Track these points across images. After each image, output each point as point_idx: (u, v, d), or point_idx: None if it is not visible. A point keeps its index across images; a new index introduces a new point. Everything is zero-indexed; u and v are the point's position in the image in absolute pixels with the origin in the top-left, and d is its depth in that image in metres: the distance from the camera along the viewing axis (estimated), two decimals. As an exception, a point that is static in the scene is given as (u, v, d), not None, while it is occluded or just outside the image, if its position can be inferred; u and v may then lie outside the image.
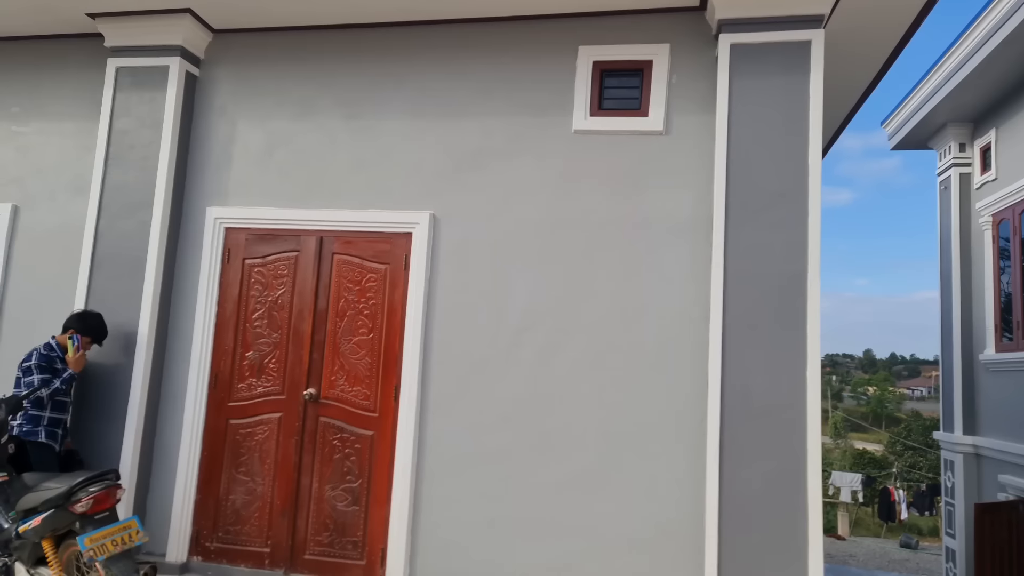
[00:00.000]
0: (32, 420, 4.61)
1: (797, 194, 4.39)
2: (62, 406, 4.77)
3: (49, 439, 4.65)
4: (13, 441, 4.39)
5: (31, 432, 4.59)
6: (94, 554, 3.58)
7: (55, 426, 4.70)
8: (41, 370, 4.63)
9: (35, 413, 4.63)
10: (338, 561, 4.93)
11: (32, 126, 5.80)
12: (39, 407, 4.64)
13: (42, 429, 4.63)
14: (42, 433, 4.62)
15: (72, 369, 4.69)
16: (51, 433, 4.67)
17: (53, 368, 4.69)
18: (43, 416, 4.65)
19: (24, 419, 4.60)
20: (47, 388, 4.56)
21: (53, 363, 4.71)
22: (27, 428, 4.59)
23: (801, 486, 4.18)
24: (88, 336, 4.83)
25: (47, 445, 4.63)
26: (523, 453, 4.74)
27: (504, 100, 5.06)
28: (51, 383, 4.61)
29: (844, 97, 6.24)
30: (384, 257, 5.13)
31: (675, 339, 4.64)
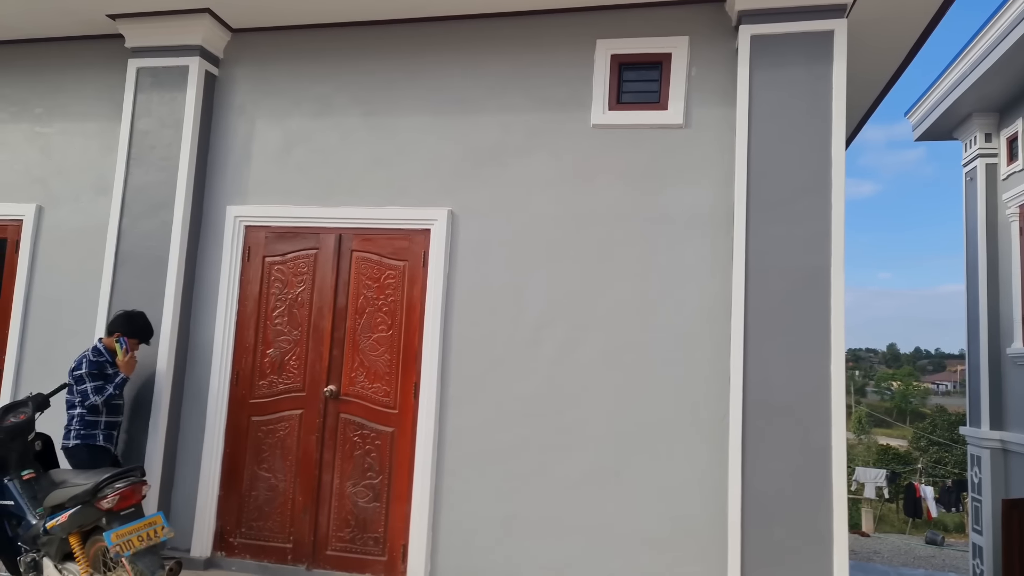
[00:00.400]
0: (89, 425, 4.60)
1: (820, 187, 4.33)
2: (116, 409, 4.78)
3: (107, 442, 4.67)
4: (40, 438, 4.46)
5: (89, 436, 4.59)
6: (120, 550, 3.62)
7: (112, 429, 4.73)
8: (93, 377, 4.58)
9: (92, 419, 4.62)
10: (359, 557, 4.95)
11: (55, 127, 5.87)
12: (95, 413, 4.62)
13: (99, 433, 4.64)
14: (100, 436, 4.63)
15: (123, 372, 4.66)
16: (108, 436, 4.70)
17: (104, 373, 4.65)
18: (100, 421, 4.65)
19: (81, 424, 4.58)
20: (100, 395, 4.54)
21: (104, 368, 4.66)
22: (84, 432, 4.58)
23: (826, 482, 4.13)
24: (135, 337, 4.77)
25: (105, 448, 4.64)
26: (542, 449, 4.73)
27: (522, 95, 5.04)
28: (104, 389, 4.57)
29: (867, 88, 6.14)
30: (403, 254, 5.14)
31: (694, 335, 4.60)
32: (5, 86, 6.00)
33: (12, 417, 4.31)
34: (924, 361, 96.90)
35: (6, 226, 5.82)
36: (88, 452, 4.56)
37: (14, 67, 6.01)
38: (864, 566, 7.06)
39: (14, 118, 5.95)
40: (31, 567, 4.06)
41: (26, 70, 5.99)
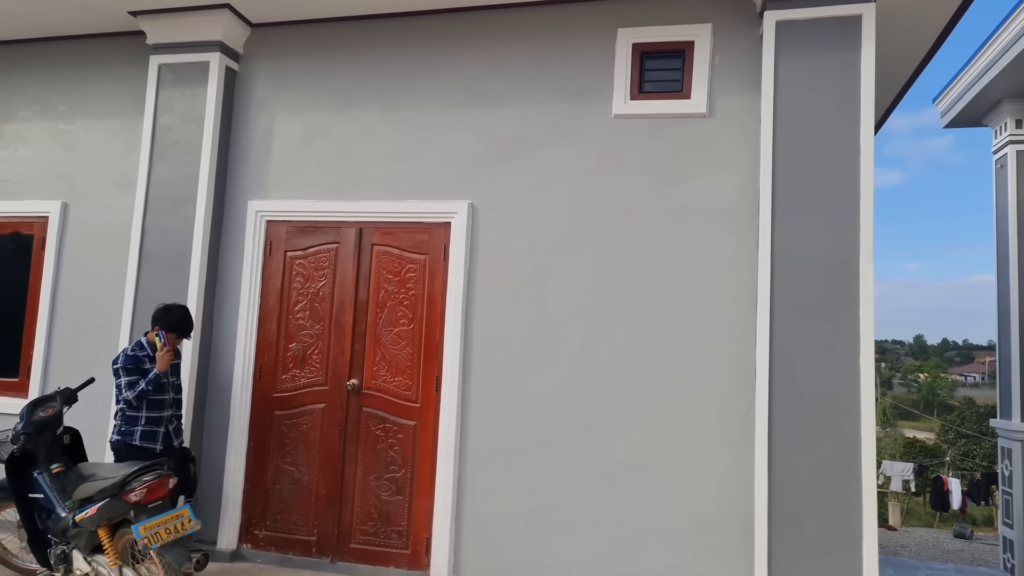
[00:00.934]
0: (129, 421, 4.52)
1: (848, 176, 4.24)
2: (158, 405, 4.59)
3: (145, 441, 4.51)
4: (68, 432, 4.51)
5: (127, 433, 4.50)
6: (148, 542, 3.66)
7: (154, 425, 4.56)
8: (128, 372, 4.47)
9: (132, 414, 4.52)
10: (383, 550, 4.97)
11: (78, 124, 5.93)
12: (134, 408, 4.51)
13: (138, 430, 4.51)
14: (137, 434, 4.50)
15: (156, 368, 4.49)
16: (148, 434, 4.53)
17: (141, 368, 4.52)
18: (139, 416, 4.52)
19: (122, 420, 4.52)
20: (132, 391, 4.41)
21: (141, 363, 4.54)
22: (124, 429, 4.51)
23: (855, 476, 4.06)
24: (172, 331, 4.61)
25: (144, 448, 4.50)
26: (565, 443, 4.70)
27: (542, 86, 4.99)
28: (136, 385, 4.43)
29: (895, 74, 6.00)
30: (423, 247, 5.12)
31: (719, 328, 4.54)
32: (29, 84, 6.07)
33: (41, 411, 4.36)
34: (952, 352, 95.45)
35: (32, 223, 5.90)
36: (125, 450, 4.49)
37: (37, 65, 6.07)
38: (892, 560, 6.96)
39: (38, 116, 6.02)
40: (61, 559, 4.12)
41: (49, 68, 6.05)
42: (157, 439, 4.57)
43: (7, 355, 5.85)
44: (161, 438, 4.58)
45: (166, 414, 4.64)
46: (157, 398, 4.58)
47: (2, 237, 5.97)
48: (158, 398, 4.59)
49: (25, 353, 5.78)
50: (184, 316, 4.68)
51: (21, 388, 5.73)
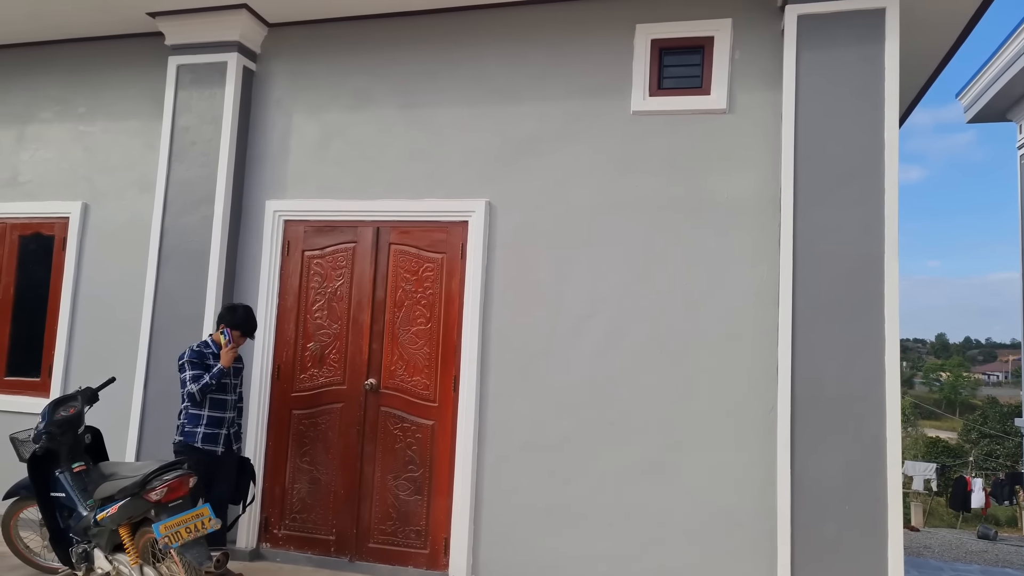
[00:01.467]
0: (192, 420, 4.50)
1: (872, 171, 4.17)
2: (220, 405, 4.57)
3: (206, 443, 4.48)
4: (90, 432, 4.54)
5: (190, 435, 4.48)
6: (169, 541, 3.67)
7: (215, 426, 4.53)
8: (192, 366, 4.50)
9: (195, 412, 4.50)
10: (402, 549, 4.96)
11: (98, 125, 5.97)
12: (197, 405, 4.50)
13: (200, 432, 4.48)
14: (199, 437, 4.47)
15: (221, 363, 4.51)
16: (209, 437, 4.50)
17: (205, 364, 4.54)
18: (201, 416, 4.50)
19: (185, 418, 4.51)
20: (196, 384, 4.42)
21: (205, 359, 4.57)
22: (187, 430, 4.50)
23: (880, 476, 4.00)
24: (237, 329, 4.62)
25: (202, 450, 4.47)
26: (585, 442, 4.67)
27: (560, 84, 4.96)
28: (201, 378, 4.44)
29: (917, 70, 5.89)
30: (441, 246, 5.11)
31: (740, 324, 4.49)
32: (49, 85, 6.12)
33: (62, 411, 4.40)
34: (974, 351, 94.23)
35: (53, 224, 5.95)
36: (186, 453, 4.42)
37: (57, 66, 6.12)
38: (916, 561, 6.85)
39: (59, 117, 6.07)
40: (82, 557, 4.14)
41: (69, 69, 6.09)
42: (218, 441, 4.54)
43: (29, 355, 5.91)
44: (222, 440, 4.56)
45: (228, 415, 4.62)
46: (219, 397, 4.57)
47: (23, 238, 6.03)
48: (220, 398, 4.57)
49: (47, 353, 5.84)
50: (249, 315, 4.72)
51: (43, 388, 5.78)
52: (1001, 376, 75.07)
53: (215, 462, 4.52)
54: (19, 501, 4.71)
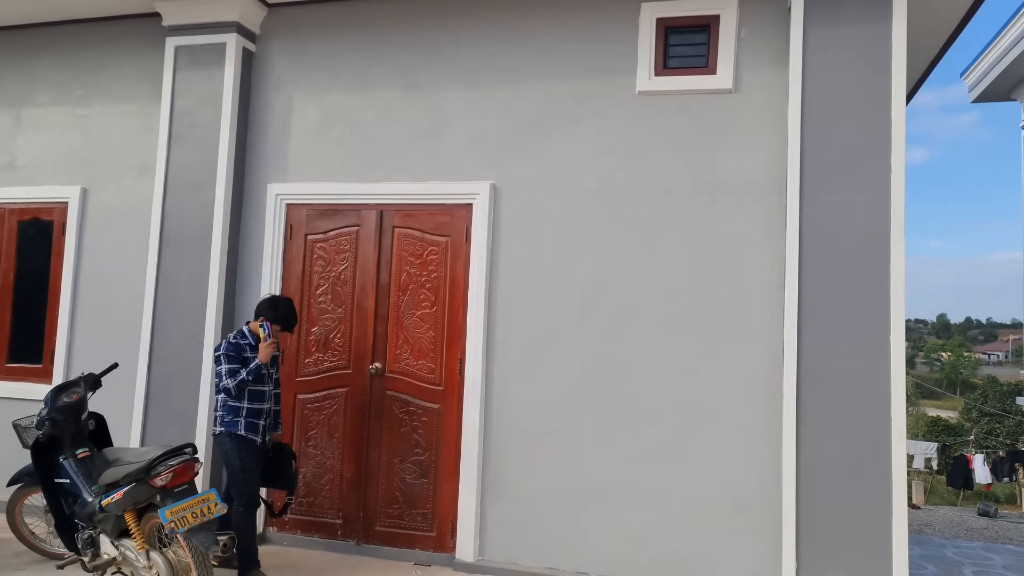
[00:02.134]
0: (232, 412, 4.39)
1: (879, 150, 4.14)
2: (259, 396, 4.45)
3: (249, 431, 4.39)
4: (93, 418, 4.53)
5: (232, 424, 4.37)
6: (175, 526, 3.66)
7: (255, 417, 4.42)
8: (229, 359, 4.35)
9: (234, 404, 4.39)
10: (408, 532, 4.97)
11: (96, 108, 5.89)
12: (238, 398, 4.39)
13: (242, 420, 4.38)
14: (241, 425, 4.37)
15: (259, 358, 4.36)
16: (251, 425, 4.40)
17: (242, 357, 4.39)
18: (241, 408, 4.39)
19: (224, 410, 4.40)
20: (232, 379, 4.28)
21: (242, 351, 4.41)
22: (228, 420, 4.38)
23: (884, 456, 4.01)
24: (277, 323, 4.47)
25: (246, 438, 4.38)
26: (592, 426, 4.66)
27: (565, 64, 4.89)
28: (237, 374, 4.30)
29: (923, 49, 5.81)
30: (445, 229, 5.07)
31: (749, 306, 4.47)
32: (46, 68, 6.04)
33: (65, 397, 4.38)
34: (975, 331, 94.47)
35: (52, 209, 5.90)
36: (231, 441, 4.37)
37: (54, 49, 6.03)
38: (918, 538, 6.89)
39: (55, 101, 5.99)
40: (88, 543, 4.14)
41: (66, 52, 6.00)
42: (258, 431, 4.45)
43: (30, 341, 5.88)
44: (261, 431, 4.46)
45: (266, 406, 4.50)
46: (258, 389, 4.45)
47: (22, 223, 5.99)
48: (259, 389, 4.46)
49: (48, 339, 5.81)
50: (290, 309, 4.57)
51: (45, 374, 5.77)
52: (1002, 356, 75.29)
53: (255, 451, 4.44)
54: (23, 488, 4.71)
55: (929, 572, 5.64)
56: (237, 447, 4.37)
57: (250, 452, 4.40)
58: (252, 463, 4.42)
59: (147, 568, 3.88)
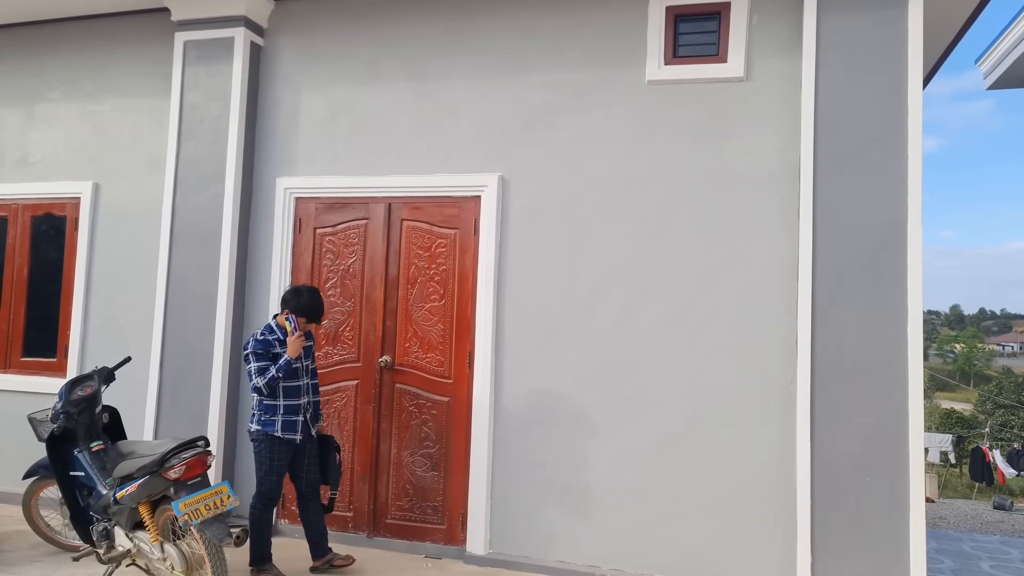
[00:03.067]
0: (268, 410, 4.29)
1: (895, 138, 4.08)
2: (295, 392, 4.33)
3: (286, 431, 4.28)
4: (107, 411, 4.55)
5: (268, 423, 4.28)
6: (189, 518, 3.67)
7: (292, 414, 4.32)
8: (257, 357, 4.22)
9: (270, 403, 4.28)
10: (419, 525, 4.97)
11: (106, 104, 5.91)
12: (271, 395, 4.28)
13: (278, 420, 4.28)
14: (278, 425, 4.27)
15: (288, 353, 4.22)
16: (288, 424, 4.30)
17: (272, 353, 4.25)
18: (277, 406, 4.28)
19: (260, 409, 4.31)
20: (263, 377, 4.17)
21: (271, 347, 4.27)
22: (264, 419, 4.29)
23: (902, 448, 3.96)
24: (302, 316, 4.31)
25: (283, 439, 4.29)
26: (603, 417, 4.64)
27: (574, 53, 4.85)
28: (267, 371, 4.18)
29: (937, 36, 5.73)
30: (453, 222, 5.05)
31: (761, 297, 4.42)
32: (56, 65, 6.05)
33: (79, 390, 4.39)
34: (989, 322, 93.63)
35: (64, 204, 5.93)
36: (265, 441, 4.28)
37: (64, 45, 6.05)
38: (934, 532, 6.83)
39: (66, 96, 6.01)
40: (103, 535, 4.17)
41: (76, 48, 6.02)
42: (297, 429, 4.34)
43: (45, 335, 5.93)
44: (300, 428, 4.35)
45: (303, 401, 4.38)
46: (292, 384, 4.32)
47: (36, 219, 6.02)
48: (293, 384, 4.33)
49: (62, 333, 5.85)
50: (314, 300, 4.38)
51: (59, 368, 5.81)
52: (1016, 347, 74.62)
53: (296, 450, 4.38)
54: (39, 480, 4.74)
55: (946, 566, 5.59)
56: (270, 448, 4.29)
57: (282, 454, 4.32)
58: (281, 465, 4.34)
59: (161, 560, 3.90)
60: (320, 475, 4.55)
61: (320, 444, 4.56)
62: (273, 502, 4.42)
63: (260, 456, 4.34)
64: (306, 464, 4.49)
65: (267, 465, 4.32)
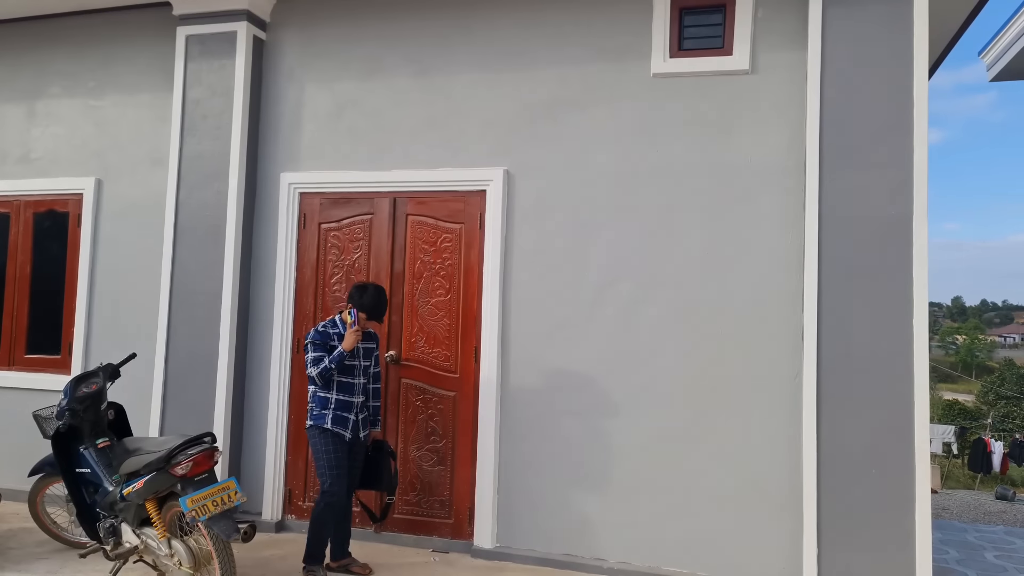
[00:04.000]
0: (321, 404, 4.27)
1: (901, 131, 4.07)
2: (348, 388, 4.29)
3: (336, 425, 4.24)
4: (112, 408, 4.55)
5: (320, 417, 4.25)
6: (196, 514, 3.67)
7: (344, 410, 4.27)
8: (316, 347, 4.22)
9: (323, 396, 4.26)
10: (427, 520, 4.98)
11: (108, 99, 5.88)
12: (326, 388, 4.27)
13: (329, 413, 4.24)
14: (328, 418, 4.24)
15: (343, 346, 4.19)
16: (339, 419, 4.25)
17: (330, 345, 4.23)
18: (330, 399, 4.26)
19: (314, 401, 4.29)
20: (315, 368, 4.15)
21: (329, 339, 4.25)
22: (317, 413, 4.26)
23: (908, 440, 3.98)
24: (364, 312, 4.28)
25: (335, 432, 4.24)
26: (609, 411, 4.64)
27: (578, 47, 4.83)
28: (320, 362, 4.17)
29: (941, 29, 5.70)
30: (458, 216, 5.04)
31: (768, 290, 4.42)
32: (58, 60, 6.02)
33: (84, 387, 4.39)
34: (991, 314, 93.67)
35: (67, 200, 5.91)
36: (319, 435, 4.25)
37: (65, 40, 6.01)
38: (937, 523, 6.83)
39: (68, 92, 5.99)
40: (110, 532, 4.17)
41: (77, 43, 5.98)
42: (347, 425, 4.28)
43: (48, 332, 5.92)
44: (350, 426, 4.30)
45: (357, 400, 4.33)
46: (346, 380, 4.29)
47: (38, 215, 6.01)
48: (347, 380, 4.29)
49: (66, 330, 5.85)
50: (378, 298, 4.32)
51: (63, 365, 5.80)
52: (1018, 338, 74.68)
53: (343, 447, 4.29)
54: (44, 478, 4.75)
55: (951, 556, 5.60)
56: (325, 441, 4.23)
57: (339, 447, 4.24)
58: (341, 459, 4.25)
59: (168, 556, 3.91)
60: (375, 482, 4.51)
61: (375, 450, 4.51)
62: (336, 499, 4.25)
63: (317, 451, 4.27)
64: (352, 467, 4.38)
65: (324, 459, 4.24)
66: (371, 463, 4.51)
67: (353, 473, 4.42)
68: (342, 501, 4.32)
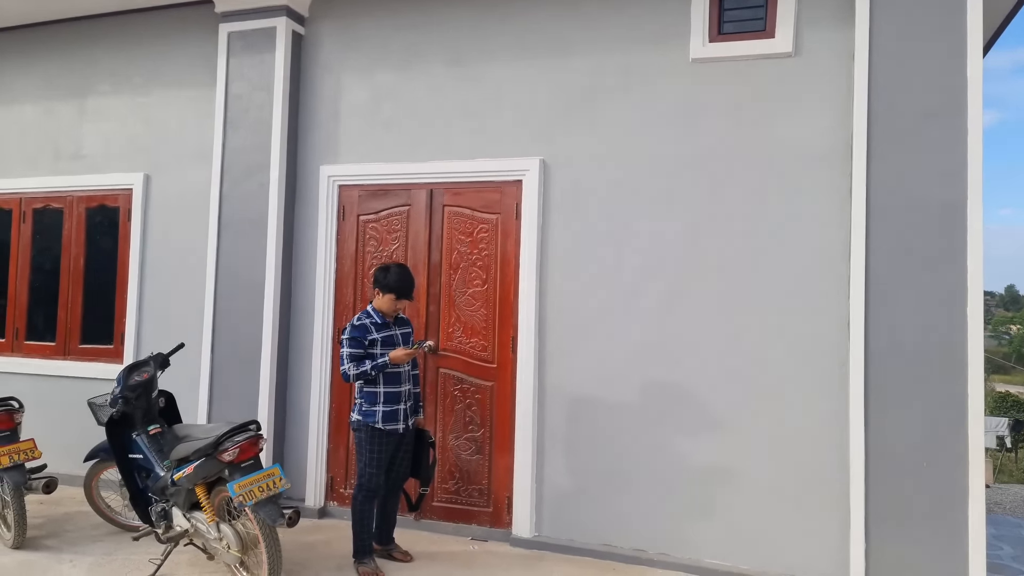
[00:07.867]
0: (368, 399, 4.19)
1: (954, 112, 3.92)
2: (395, 379, 4.22)
3: (387, 422, 4.18)
4: (163, 395, 4.68)
5: (368, 414, 4.18)
6: (243, 499, 3.77)
7: (394, 403, 4.21)
8: (352, 344, 4.14)
9: (370, 390, 4.18)
10: (465, 508, 5.01)
11: (154, 96, 6.01)
12: (373, 382, 4.19)
13: (379, 409, 4.17)
14: (378, 415, 4.16)
15: (389, 358, 4.12)
16: (390, 415, 4.19)
17: (368, 339, 4.18)
18: (378, 393, 4.17)
19: (362, 398, 4.23)
20: (355, 368, 4.11)
21: (367, 332, 4.20)
22: (365, 409, 4.20)
23: (961, 433, 3.85)
24: (390, 292, 4.19)
25: (384, 431, 4.18)
26: (648, 401, 4.60)
27: (615, 32, 4.77)
28: (361, 364, 4.11)
29: (998, 3, 5.48)
30: (495, 207, 5.04)
31: (813, 278, 4.32)
32: (106, 58, 6.18)
33: (136, 376, 4.53)
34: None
35: (117, 196, 6.08)
36: (366, 432, 4.19)
37: (113, 39, 6.16)
38: (991, 518, 6.64)
39: (116, 89, 6.14)
40: (161, 516, 4.30)
41: (124, 41, 6.13)
42: (399, 418, 4.24)
43: (102, 323, 6.11)
44: (402, 417, 4.26)
45: (404, 388, 4.27)
46: (393, 371, 4.21)
47: (90, 210, 6.18)
48: (394, 371, 4.21)
49: (118, 321, 6.03)
50: (402, 276, 4.22)
51: (116, 354, 5.99)
52: (1076, 328, 71.67)
53: (393, 443, 4.28)
54: (99, 463, 4.91)
55: (1005, 552, 5.43)
56: (371, 439, 4.19)
57: (383, 446, 4.21)
58: (383, 457, 4.22)
59: (218, 539, 4.02)
60: (413, 471, 4.49)
61: (416, 439, 4.48)
62: (375, 494, 4.28)
63: (360, 447, 4.24)
64: (399, 457, 4.40)
65: (367, 456, 4.22)
66: (413, 453, 4.52)
67: (403, 464, 4.44)
68: (379, 493, 4.34)
